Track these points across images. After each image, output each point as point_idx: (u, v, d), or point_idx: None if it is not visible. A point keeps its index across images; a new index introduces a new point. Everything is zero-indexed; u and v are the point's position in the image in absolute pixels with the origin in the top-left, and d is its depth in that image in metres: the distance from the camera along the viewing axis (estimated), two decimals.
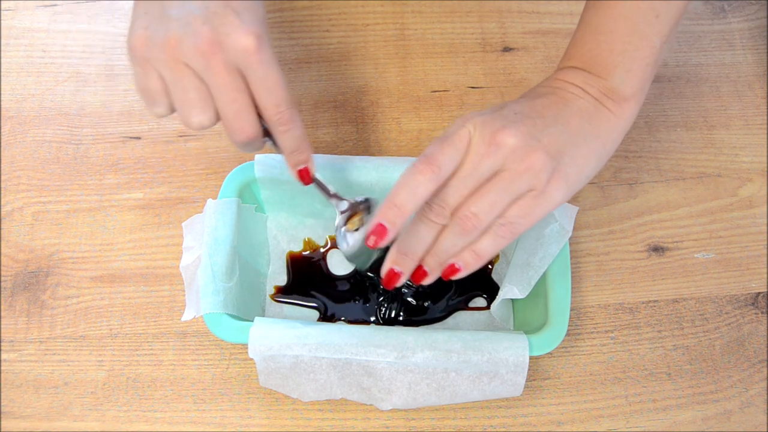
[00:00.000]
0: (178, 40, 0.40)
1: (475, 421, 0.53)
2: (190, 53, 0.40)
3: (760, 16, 0.71)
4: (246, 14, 0.40)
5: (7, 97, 0.66)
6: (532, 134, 0.42)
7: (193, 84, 0.41)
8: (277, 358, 0.47)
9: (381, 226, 0.41)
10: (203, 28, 0.39)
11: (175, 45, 0.40)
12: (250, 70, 0.40)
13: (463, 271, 0.43)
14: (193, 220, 0.54)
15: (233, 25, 0.39)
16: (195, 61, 0.40)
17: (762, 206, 0.62)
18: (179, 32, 0.40)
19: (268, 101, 0.42)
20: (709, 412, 0.54)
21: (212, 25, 0.39)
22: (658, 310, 0.57)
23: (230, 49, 0.40)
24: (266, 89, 0.41)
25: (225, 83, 0.40)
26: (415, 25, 0.69)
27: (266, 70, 0.40)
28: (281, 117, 0.42)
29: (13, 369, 0.55)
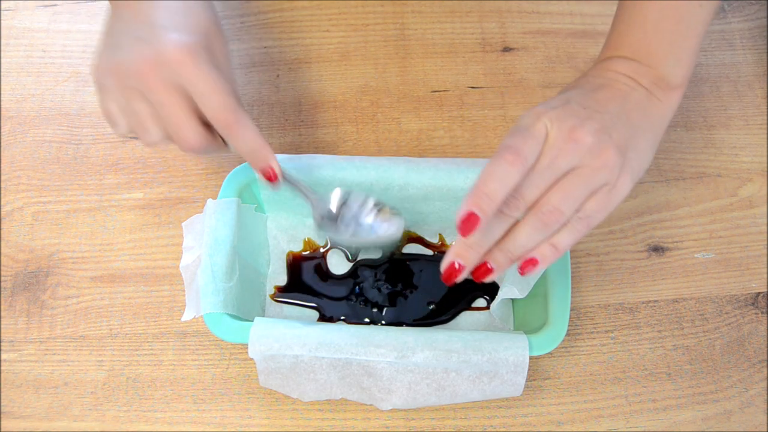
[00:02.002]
0: (122, 65, 0.43)
1: (475, 421, 0.53)
2: (132, 76, 0.42)
3: (760, 16, 0.71)
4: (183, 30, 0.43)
5: (7, 97, 0.66)
6: (604, 130, 0.42)
7: (139, 105, 0.44)
8: (277, 358, 0.47)
9: (473, 215, 0.40)
10: (144, 50, 0.42)
11: (119, 70, 0.43)
12: (186, 82, 0.42)
13: (541, 265, 0.43)
14: (193, 220, 0.54)
15: (166, 41, 0.42)
16: (136, 83, 0.43)
17: (762, 206, 0.62)
18: (122, 57, 0.43)
19: (208, 108, 0.43)
20: (709, 412, 0.54)
21: (150, 46, 0.42)
22: (658, 310, 0.57)
23: (164, 66, 0.42)
24: (203, 97, 0.43)
25: (162, 99, 0.43)
26: (415, 25, 0.69)
27: (201, 79, 0.42)
28: (225, 123, 0.44)
29: (13, 369, 0.55)
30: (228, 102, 0.43)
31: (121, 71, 0.43)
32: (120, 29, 0.44)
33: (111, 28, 0.46)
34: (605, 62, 0.49)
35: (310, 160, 0.54)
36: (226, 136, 0.45)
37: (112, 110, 0.45)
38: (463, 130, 0.64)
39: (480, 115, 0.65)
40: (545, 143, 0.42)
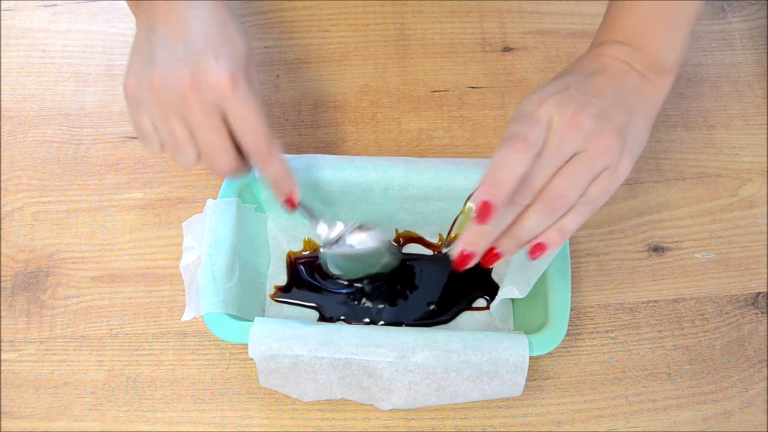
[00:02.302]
0: (161, 83, 0.42)
1: (475, 421, 0.53)
2: (171, 95, 0.42)
3: (760, 16, 0.71)
4: (223, 53, 0.43)
5: (7, 97, 0.66)
6: (604, 115, 0.43)
7: (176, 125, 0.44)
8: (277, 358, 0.47)
9: (488, 204, 0.40)
10: (183, 71, 0.42)
11: (157, 88, 0.43)
12: (227, 108, 0.43)
13: (549, 249, 0.44)
14: (193, 220, 0.54)
15: (209, 65, 0.42)
16: (175, 103, 0.43)
17: (762, 206, 0.62)
18: (162, 75, 0.42)
19: (246, 137, 0.44)
20: (709, 412, 0.54)
21: (191, 66, 0.42)
22: (658, 310, 0.57)
23: (206, 89, 0.42)
24: (243, 126, 0.43)
25: (201, 123, 0.43)
26: (415, 25, 0.69)
27: (242, 107, 0.43)
28: (259, 152, 0.45)
29: (13, 369, 0.55)
30: (265, 131, 0.44)
31: (162, 89, 0.43)
32: (156, 45, 0.43)
33: (144, 42, 0.45)
34: (599, 47, 0.50)
35: (311, 160, 0.54)
36: (257, 163, 0.46)
37: (145, 126, 0.45)
38: (463, 130, 0.64)
39: (480, 115, 0.65)
40: (549, 130, 0.42)
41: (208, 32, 0.43)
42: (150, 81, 0.43)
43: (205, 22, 0.43)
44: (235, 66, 0.43)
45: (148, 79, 0.43)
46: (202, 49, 0.42)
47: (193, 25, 0.43)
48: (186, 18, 0.43)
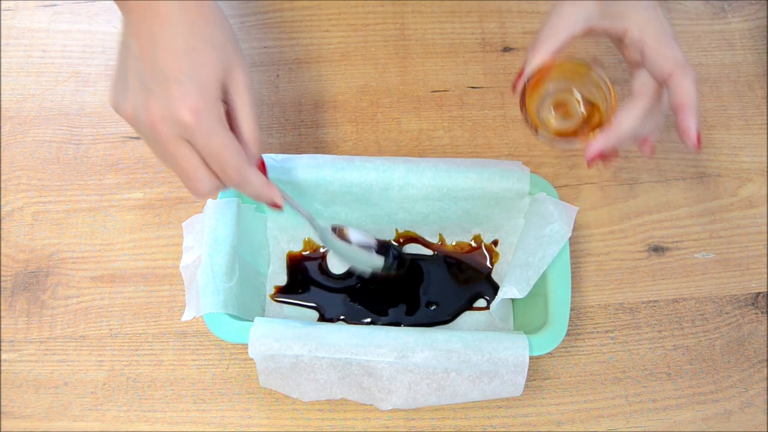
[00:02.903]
0: (133, 113, 0.43)
1: (475, 421, 0.53)
2: (142, 126, 0.43)
3: (760, 16, 0.71)
4: (189, 83, 0.41)
5: (7, 97, 0.66)
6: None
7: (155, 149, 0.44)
8: (277, 358, 0.47)
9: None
10: (150, 103, 0.42)
11: (131, 119, 0.43)
12: (193, 141, 0.42)
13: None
14: (193, 220, 0.54)
15: (174, 99, 0.41)
16: (147, 133, 0.43)
17: (762, 206, 0.62)
18: (134, 105, 0.43)
19: (216, 167, 0.44)
20: (709, 412, 0.54)
21: (157, 98, 0.41)
22: (658, 310, 0.57)
23: (172, 124, 0.42)
24: (210, 157, 0.43)
25: (171, 152, 0.43)
26: (415, 25, 0.69)
27: (207, 140, 0.42)
28: (230, 181, 0.44)
29: (13, 369, 0.55)
30: (232, 162, 0.43)
31: (135, 121, 0.43)
32: (129, 64, 0.43)
33: (120, 55, 0.44)
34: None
35: (311, 160, 0.54)
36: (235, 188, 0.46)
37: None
38: (463, 130, 0.64)
39: (480, 115, 0.65)
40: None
41: (175, 52, 0.41)
42: (124, 111, 0.43)
43: (173, 38, 0.42)
44: (200, 95, 0.41)
45: (123, 108, 0.43)
46: (166, 77, 0.41)
47: (161, 43, 0.41)
48: (155, 32, 0.42)
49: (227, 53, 0.43)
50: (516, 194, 0.54)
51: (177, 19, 0.42)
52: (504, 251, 0.58)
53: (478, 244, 0.59)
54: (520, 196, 0.54)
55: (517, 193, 0.54)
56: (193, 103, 0.41)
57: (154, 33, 0.42)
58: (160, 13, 0.42)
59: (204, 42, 0.42)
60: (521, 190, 0.54)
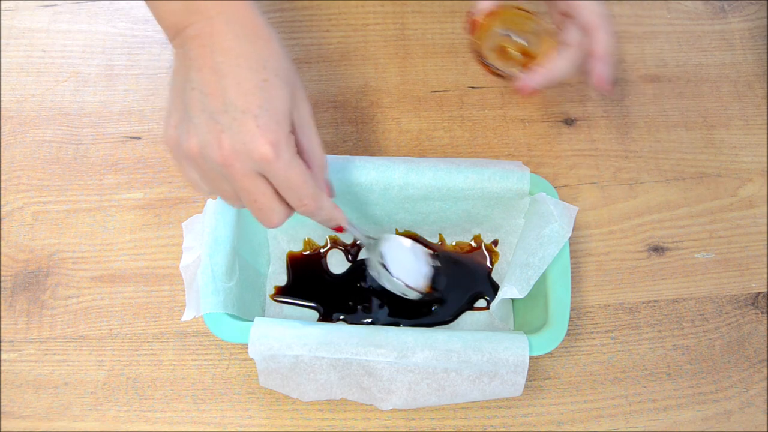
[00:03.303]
0: (200, 148, 0.41)
1: (475, 421, 0.53)
2: (212, 162, 0.41)
3: (760, 16, 0.71)
4: (264, 117, 0.40)
5: (7, 97, 0.66)
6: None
7: (221, 184, 0.43)
8: (277, 358, 0.47)
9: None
10: (222, 138, 0.40)
11: (197, 153, 0.41)
12: (271, 175, 0.41)
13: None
14: (193, 220, 0.54)
15: (250, 133, 0.40)
16: (219, 169, 0.41)
17: (762, 206, 0.62)
18: (200, 140, 0.40)
19: (292, 198, 0.43)
20: (709, 412, 0.54)
21: (230, 133, 0.40)
22: (658, 310, 0.57)
23: (248, 159, 0.40)
24: (288, 189, 0.42)
25: (245, 187, 0.42)
26: (415, 25, 0.69)
27: (286, 173, 0.41)
28: (306, 209, 0.44)
29: (13, 369, 0.55)
30: (309, 192, 0.43)
31: (201, 157, 0.41)
32: (192, 98, 0.40)
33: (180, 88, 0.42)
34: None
35: None
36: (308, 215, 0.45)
37: (193, 179, 0.44)
38: (463, 130, 0.64)
39: (480, 115, 0.65)
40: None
41: (246, 86, 0.40)
42: (188, 147, 0.41)
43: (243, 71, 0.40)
44: (278, 128, 0.40)
45: (186, 144, 0.41)
46: (240, 110, 0.40)
47: (229, 76, 0.40)
48: (220, 64, 0.40)
49: (293, 84, 0.42)
50: (516, 194, 0.54)
51: (244, 50, 0.41)
52: (504, 251, 0.58)
53: (478, 244, 0.59)
54: (520, 196, 0.55)
55: (517, 193, 0.54)
56: (272, 137, 0.40)
57: (219, 65, 0.40)
58: (226, 45, 0.40)
59: (274, 74, 0.41)
60: (521, 190, 0.54)
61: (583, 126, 0.65)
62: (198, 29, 0.41)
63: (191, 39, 0.41)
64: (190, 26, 0.41)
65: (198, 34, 0.41)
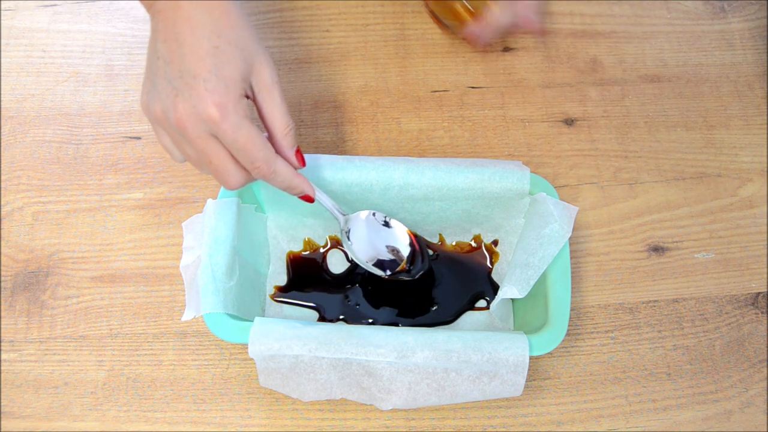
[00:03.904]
0: (163, 113, 0.44)
1: (475, 421, 0.53)
2: (171, 126, 0.44)
3: (760, 16, 0.71)
4: (213, 81, 0.43)
5: (7, 97, 0.66)
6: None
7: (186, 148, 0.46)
8: (277, 358, 0.47)
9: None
10: (177, 102, 0.43)
11: (162, 118, 0.44)
12: (220, 137, 0.44)
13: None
14: (193, 220, 0.54)
15: (199, 96, 0.42)
16: (176, 132, 0.44)
17: (762, 206, 0.62)
18: (162, 105, 0.44)
19: (244, 160, 0.45)
20: (709, 412, 0.54)
21: (183, 97, 0.43)
22: (658, 310, 0.57)
23: (198, 121, 0.43)
24: (238, 151, 0.44)
25: (200, 149, 0.44)
26: (415, 25, 0.69)
27: (233, 135, 0.43)
28: (258, 172, 0.46)
29: (13, 369, 0.55)
30: (261, 155, 0.45)
31: (164, 121, 0.44)
32: (157, 66, 0.44)
33: (149, 59, 0.45)
34: None
35: (311, 160, 0.54)
36: (265, 180, 0.47)
37: (165, 144, 0.47)
38: (463, 130, 0.64)
39: (480, 115, 0.65)
40: None
41: (199, 52, 0.43)
42: (154, 112, 0.44)
43: (198, 39, 0.43)
44: (226, 92, 0.43)
45: (152, 109, 0.45)
46: (192, 75, 0.43)
47: (186, 44, 0.43)
48: (180, 33, 0.43)
49: (250, 52, 0.45)
50: (516, 194, 0.54)
51: (201, 20, 0.43)
52: (504, 251, 0.58)
53: (478, 244, 0.59)
54: (520, 196, 0.55)
55: (517, 193, 0.54)
56: (218, 99, 0.43)
57: (179, 34, 0.43)
58: (185, 16, 0.43)
59: (227, 42, 0.44)
60: (521, 190, 0.54)
61: (583, 126, 0.65)
62: (163, 4, 0.44)
63: (158, 12, 0.44)
64: (158, 1, 0.44)
65: (163, 8, 0.44)
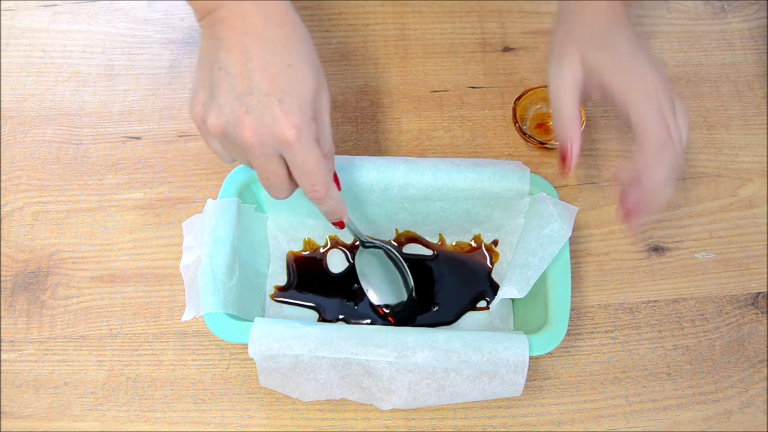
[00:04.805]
0: (223, 127, 0.42)
1: (475, 421, 0.53)
2: (234, 141, 0.42)
3: (760, 16, 0.71)
4: (289, 101, 0.41)
5: (7, 97, 0.66)
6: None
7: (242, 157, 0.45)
8: (278, 358, 0.47)
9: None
10: (245, 119, 0.41)
11: (222, 131, 0.42)
12: (288, 157, 0.43)
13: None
14: (193, 220, 0.54)
15: (273, 116, 0.41)
16: (238, 146, 0.43)
17: (762, 206, 0.62)
18: (225, 120, 0.42)
19: (305, 182, 0.45)
20: (709, 412, 0.54)
21: (254, 115, 0.41)
22: (658, 310, 0.57)
23: (270, 141, 0.42)
24: (302, 173, 0.44)
25: (261, 166, 0.43)
26: (415, 25, 0.69)
27: (303, 158, 0.43)
28: (315, 195, 0.46)
29: (13, 369, 0.55)
30: (323, 178, 0.44)
31: (225, 134, 0.42)
32: (219, 78, 0.42)
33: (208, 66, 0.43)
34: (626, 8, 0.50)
35: None
36: (313, 203, 0.47)
37: (216, 149, 0.46)
38: (463, 130, 0.64)
39: (480, 115, 0.65)
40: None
41: (272, 70, 0.41)
42: (212, 125, 0.42)
43: (270, 55, 0.41)
44: (300, 113, 0.42)
45: (210, 122, 0.42)
46: (265, 94, 0.41)
47: (256, 60, 0.41)
48: (248, 47, 0.41)
49: (317, 71, 0.44)
50: (516, 194, 0.54)
51: (272, 35, 0.42)
52: (504, 251, 0.58)
53: (478, 244, 0.59)
54: (520, 196, 0.55)
55: (517, 193, 0.54)
56: (295, 121, 0.41)
57: (248, 47, 0.41)
58: (255, 28, 0.42)
59: (299, 60, 0.42)
60: (521, 190, 0.54)
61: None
62: (229, 11, 0.42)
63: (221, 20, 0.42)
64: (221, 7, 0.42)
65: (228, 15, 0.42)
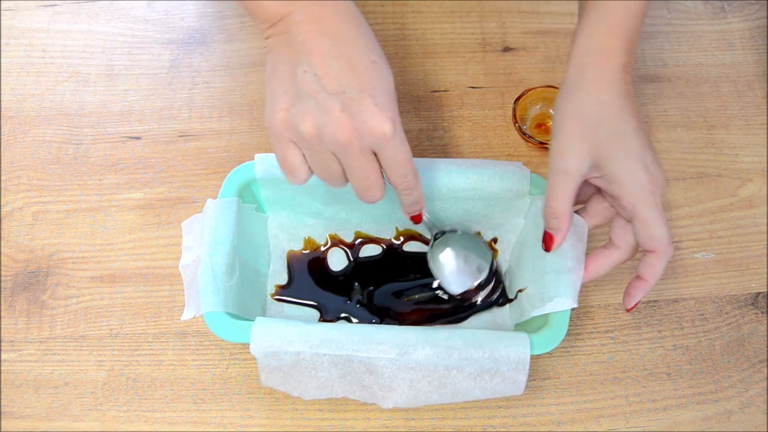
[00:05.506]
0: (318, 128, 0.42)
1: (475, 421, 0.53)
2: (330, 141, 0.42)
3: (760, 16, 0.71)
4: (380, 96, 0.41)
5: (7, 97, 0.66)
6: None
7: (332, 162, 0.44)
8: (279, 355, 0.47)
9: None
10: (341, 117, 0.41)
11: (315, 133, 0.42)
12: (384, 152, 0.43)
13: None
14: (192, 220, 0.54)
15: (369, 111, 0.41)
16: (335, 148, 0.42)
17: (762, 206, 0.62)
18: (319, 120, 0.41)
19: (397, 174, 0.45)
20: (709, 412, 0.54)
21: (350, 112, 0.41)
22: (658, 310, 0.57)
23: (367, 136, 0.42)
24: (396, 166, 0.44)
25: (359, 165, 0.43)
26: (415, 25, 0.69)
27: (398, 150, 0.43)
28: (406, 185, 0.46)
29: (13, 369, 0.55)
30: (412, 169, 0.45)
31: (319, 138, 0.42)
32: (304, 82, 0.41)
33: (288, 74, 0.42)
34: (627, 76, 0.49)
35: None
36: (400, 194, 0.47)
37: (293, 161, 0.45)
38: (463, 130, 0.64)
39: (480, 115, 0.65)
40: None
41: (359, 68, 0.41)
42: (304, 128, 0.42)
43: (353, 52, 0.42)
44: (392, 107, 0.42)
45: (302, 126, 0.42)
46: (359, 92, 0.41)
47: (341, 58, 0.41)
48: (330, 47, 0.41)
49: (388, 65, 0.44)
50: (516, 194, 0.54)
51: (350, 34, 0.42)
52: (503, 249, 0.58)
53: None
54: (520, 197, 0.54)
55: (517, 193, 0.54)
56: (390, 115, 0.42)
57: (330, 49, 0.41)
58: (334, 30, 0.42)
59: (379, 56, 0.43)
60: (521, 190, 0.54)
61: None
62: (302, 14, 0.42)
63: (297, 24, 0.42)
64: (295, 12, 0.42)
65: (302, 19, 0.42)
